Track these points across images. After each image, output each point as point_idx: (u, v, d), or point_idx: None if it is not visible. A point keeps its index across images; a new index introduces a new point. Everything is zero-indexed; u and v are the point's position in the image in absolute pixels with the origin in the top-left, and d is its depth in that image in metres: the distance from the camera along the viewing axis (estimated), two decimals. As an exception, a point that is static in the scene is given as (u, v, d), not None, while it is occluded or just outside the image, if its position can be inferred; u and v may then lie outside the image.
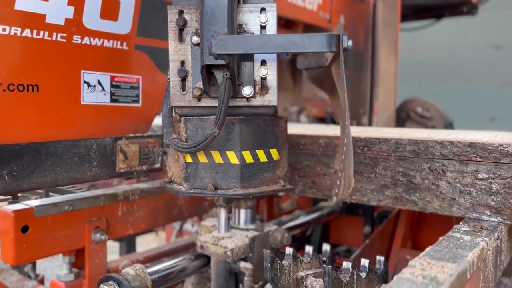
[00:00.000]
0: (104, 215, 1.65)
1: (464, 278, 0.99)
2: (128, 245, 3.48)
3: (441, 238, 1.21)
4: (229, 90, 1.18)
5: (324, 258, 1.48)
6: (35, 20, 1.27)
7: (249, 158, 1.27)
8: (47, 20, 1.29)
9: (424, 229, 2.21)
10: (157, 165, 1.70)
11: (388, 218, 2.18)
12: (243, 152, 1.25)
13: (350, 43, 1.15)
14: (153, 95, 1.65)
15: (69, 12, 1.34)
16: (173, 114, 1.34)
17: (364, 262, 1.29)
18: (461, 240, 1.18)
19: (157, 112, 1.67)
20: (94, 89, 1.44)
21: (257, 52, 1.19)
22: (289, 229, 2.10)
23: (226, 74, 1.18)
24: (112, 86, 1.50)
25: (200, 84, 1.24)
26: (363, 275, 1.28)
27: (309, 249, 1.44)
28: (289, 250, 1.36)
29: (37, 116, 1.31)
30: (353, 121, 3.03)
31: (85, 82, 1.41)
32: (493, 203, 1.35)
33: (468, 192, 1.39)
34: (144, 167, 1.64)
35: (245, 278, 1.54)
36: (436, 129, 3.55)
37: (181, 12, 1.24)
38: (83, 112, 1.42)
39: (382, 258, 1.40)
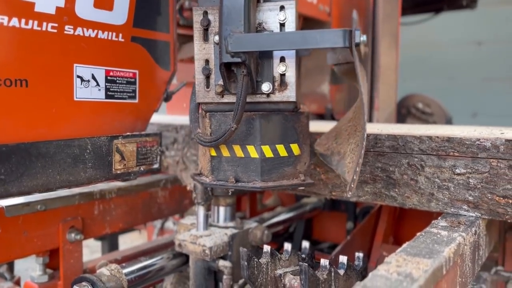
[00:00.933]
0: (80, 214, 1.61)
1: (439, 274, 0.99)
2: (111, 244, 3.43)
3: (418, 233, 1.20)
4: (246, 87, 1.20)
5: (303, 255, 1.46)
6: (23, 8, 1.18)
7: (268, 153, 1.29)
8: (36, 9, 1.20)
9: (405, 224, 2.21)
10: (156, 166, 1.61)
11: (370, 213, 2.17)
12: (262, 146, 1.28)
13: (364, 38, 1.16)
14: (151, 91, 1.57)
15: (60, 0, 1.26)
16: (200, 110, 1.38)
17: (343, 259, 1.28)
18: (438, 236, 1.18)
19: (155, 109, 1.61)
20: (88, 84, 1.35)
21: (271, 49, 1.22)
22: (271, 226, 2.09)
23: (243, 72, 1.20)
24: (107, 81, 1.41)
25: (221, 81, 1.27)
26: (341, 272, 1.27)
27: (287, 246, 1.42)
28: (267, 248, 1.34)
29: (26, 113, 1.22)
30: None
31: (78, 76, 1.32)
32: (470, 198, 1.35)
33: (446, 187, 1.39)
34: (142, 168, 1.55)
35: (224, 277, 1.52)
36: (437, 125, 3.52)
37: (205, 13, 1.28)
38: (76, 109, 1.33)
39: (361, 255, 1.39)
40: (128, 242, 4.77)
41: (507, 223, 1.71)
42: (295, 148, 1.33)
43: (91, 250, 5.00)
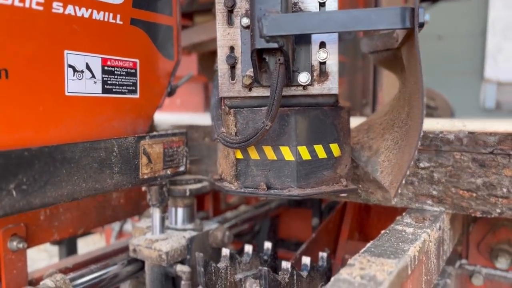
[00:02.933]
0: (23, 221, 1.48)
1: (405, 274, 0.94)
2: (69, 248, 3.26)
3: (383, 231, 1.15)
4: (282, 78, 1.04)
5: (265, 257, 1.39)
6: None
7: (305, 154, 1.13)
8: (18, -20, 0.97)
9: (371, 220, 2.18)
10: (182, 168, 1.44)
11: (334, 210, 2.13)
12: (299, 147, 1.12)
13: (427, 17, 1.02)
14: (153, 84, 1.37)
15: (47, -29, 1.03)
16: (222, 106, 1.21)
17: (305, 260, 1.22)
18: (403, 233, 1.13)
19: (158, 105, 1.42)
20: (82, 76, 1.13)
21: (315, 32, 1.04)
22: (234, 225, 2.01)
23: (279, 59, 1.03)
24: (104, 71, 1.19)
25: (250, 71, 1.11)
26: (304, 274, 1.20)
27: (248, 248, 1.35)
28: (225, 252, 1.26)
29: (6, 112, 1.00)
30: (356, 112, 2.87)
31: (70, 66, 1.10)
32: (435, 192, 1.32)
33: (411, 181, 1.35)
34: (168, 171, 1.38)
35: (183, 283, 1.43)
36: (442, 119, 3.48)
37: None
38: (68, 107, 1.11)
39: (324, 255, 1.33)
40: (91, 244, 4.59)
41: (471, 216, 1.70)
42: (335, 148, 1.18)
43: (50, 254, 4.78)
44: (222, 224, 1.83)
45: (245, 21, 1.11)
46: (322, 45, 1.10)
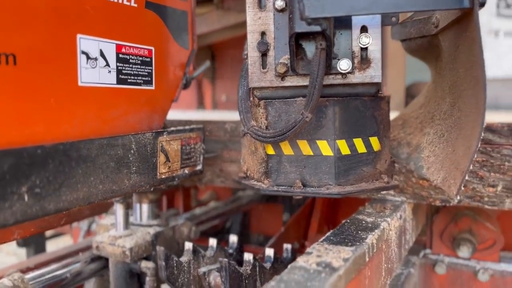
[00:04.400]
0: (-20, 220, 1.43)
1: (362, 261, 0.95)
2: (38, 250, 3.19)
3: (344, 221, 1.16)
4: (324, 64, 0.96)
5: (230, 251, 1.39)
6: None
7: (345, 149, 1.06)
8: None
9: (340, 213, 2.20)
10: (199, 167, 1.34)
11: (304, 204, 2.14)
12: (337, 141, 1.05)
13: None
14: (168, 75, 1.26)
15: None
16: (251, 98, 1.13)
17: (269, 252, 1.22)
18: (363, 222, 1.15)
19: (173, 98, 1.31)
20: (96, 64, 1.02)
21: (364, 13, 0.95)
22: (205, 221, 2.00)
23: (320, 44, 0.95)
24: (118, 59, 1.08)
25: (285, 58, 1.03)
26: (268, 265, 1.20)
27: (212, 242, 1.34)
28: (188, 246, 1.25)
29: (13, 103, 0.87)
30: None
31: (83, 52, 0.99)
32: (396, 182, 1.34)
33: (373, 172, 1.36)
34: (186, 170, 1.27)
35: (147, 279, 1.41)
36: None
37: None
38: (81, 99, 0.99)
39: (289, 246, 1.33)
40: (61, 245, 4.49)
41: (434, 206, 1.73)
42: (374, 142, 1.10)
43: (19, 257, 4.66)
44: (190, 220, 1.82)
45: (279, 3, 1.02)
46: (364, 29, 1.03)
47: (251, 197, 2.45)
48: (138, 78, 1.16)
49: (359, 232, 1.06)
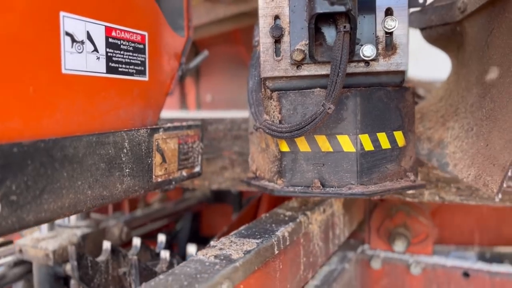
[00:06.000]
0: None
1: (269, 253, 0.93)
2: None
3: (263, 215, 1.15)
4: (347, 49, 0.87)
5: (157, 250, 1.35)
6: None
7: (368, 144, 0.96)
8: None
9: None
10: (197, 169, 1.20)
11: (250, 203, 2.13)
12: (360, 136, 0.95)
13: None
14: (163, 65, 1.13)
15: None
16: (262, 89, 1.02)
17: (191, 249, 1.20)
18: (281, 216, 1.14)
19: (168, 91, 1.19)
20: (82, 48, 0.88)
21: None
22: (145, 223, 1.96)
23: (344, 27, 0.86)
24: (108, 44, 0.94)
25: (301, 45, 0.93)
26: (188, 263, 1.18)
27: (136, 242, 1.31)
28: (106, 245, 1.22)
29: None
30: None
31: (67, 34, 0.84)
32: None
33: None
34: (183, 173, 1.14)
35: (72, 282, 1.36)
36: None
37: None
38: (66, 88, 0.85)
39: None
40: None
41: (372, 202, 1.75)
42: (399, 137, 1.01)
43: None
44: (129, 222, 1.78)
45: None
46: (389, 12, 0.94)
47: (199, 198, 2.42)
48: (130, 67, 1.02)
49: (273, 225, 1.05)
